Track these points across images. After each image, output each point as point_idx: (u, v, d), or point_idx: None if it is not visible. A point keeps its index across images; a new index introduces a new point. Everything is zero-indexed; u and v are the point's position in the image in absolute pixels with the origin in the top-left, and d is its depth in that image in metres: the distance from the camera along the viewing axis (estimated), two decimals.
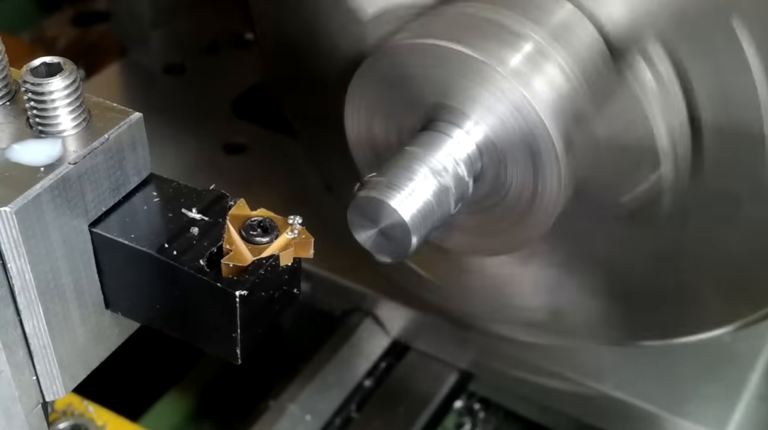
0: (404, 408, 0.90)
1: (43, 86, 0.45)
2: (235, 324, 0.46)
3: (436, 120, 0.64)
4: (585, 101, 0.63)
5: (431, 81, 0.63)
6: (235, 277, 0.46)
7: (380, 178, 0.61)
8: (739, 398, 0.84)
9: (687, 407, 0.83)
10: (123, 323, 0.52)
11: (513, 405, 0.96)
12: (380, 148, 0.68)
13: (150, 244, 0.47)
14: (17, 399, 0.49)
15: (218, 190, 0.50)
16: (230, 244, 0.47)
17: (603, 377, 0.86)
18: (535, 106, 0.60)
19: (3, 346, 0.46)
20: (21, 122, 0.47)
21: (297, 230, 0.48)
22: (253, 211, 0.48)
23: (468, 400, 0.98)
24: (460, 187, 0.63)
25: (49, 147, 0.46)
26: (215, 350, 0.49)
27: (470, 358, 0.93)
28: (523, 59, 0.61)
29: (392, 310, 0.94)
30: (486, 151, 0.63)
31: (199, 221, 0.49)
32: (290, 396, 0.89)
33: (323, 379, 0.91)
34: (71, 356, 0.50)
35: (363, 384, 0.92)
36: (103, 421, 0.76)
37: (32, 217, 0.44)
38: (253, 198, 0.50)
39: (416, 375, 0.93)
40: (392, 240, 0.61)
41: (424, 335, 0.94)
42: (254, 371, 0.96)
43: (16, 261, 0.45)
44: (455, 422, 0.98)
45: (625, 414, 0.85)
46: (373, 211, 0.60)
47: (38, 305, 0.46)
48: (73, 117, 0.46)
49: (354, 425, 0.89)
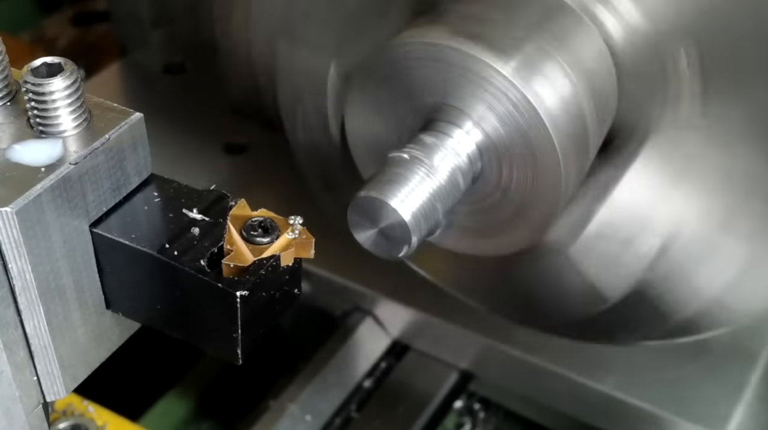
0: (404, 408, 0.90)
1: (43, 86, 0.45)
2: (236, 324, 0.46)
3: (436, 120, 0.64)
4: (586, 104, 0.63)
5: (431, 81, 0.63)
6: (236, 277, 0.46)
7: (380, 178, 0.61)
8: (739, 398, 0.84)
9: (687, 407, 0.83)
10: (124, 324, 0.52)
11: (513, 405, 0.96)
12: (380, 148, 0.68)
13: (151, 244, 0.48)
14: (18, 399, 0.49)
15: (219, 191, 0.50)
16: (231, 244, 0.47)
17: (603, 377, 0.86)
18: (535, 107, 0.60)
19: (4, 346, 0.46)
20: (22, 122, 0.47)
21: (298, 230, 0.48)
22: (254, 211, 0.48)
23: (468, 400, 0.98)
24: (459, 187, 0.63)
25: (49, 147, 0.46)
26: (216, 350, 0.49)
27: (470, 358, 0.93)
28: (523, 59, 0.61)
29: (392, 310, 0.94)
30: (486, 151, 0.63)
31: (199, 221, 0.49)
32: (290, 396, 0.89)
33: (323, 379, 0.91)
34: (72, 357, 0.50)
35: (363, 384, 0.92)
36: (103, 421, 0.76)
37: (33, 217, 0.44)
38: (253, 198, 0.50)
39: (416, 375, 0.93)
40: (392, 240, 0.61)
41: (424, 335, 0.94)
42: (254, 371, 0.96)
43: (17, 261, 0.45)
44: (455, 422, 0.98)
45: (625, 414, 0.85)
46: (373, 211, 0.60)
47: (39, 305, 0.46)
48: (74, 117, 0.47)
49: (354, 425, 0.89)
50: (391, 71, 0.65)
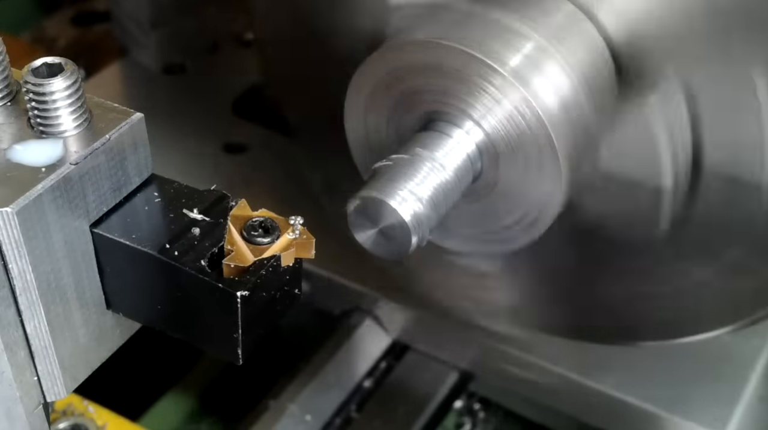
0: (404, 408, 0.90)
1: (44, 87, 0.45)
2: (237, 325, 0.46)
3: (436, 120, 0.64)
4: (586, 104, 0.63)
5: (431, 80, 0.63)
6: (237, 277, 0.46)
7: (380, 178, 0.61)
8: (739, 398, 0.84)
9: (687, 407, 0.83)
10: (124, 324, 0.52)
11: (513, 405, 0.96)
12: (380, 148, 0.68)
13: (151, 244, 0.47)
14: (19, 400, 0.49)
15: (219, 191, 0.50)
16: (231, 244, 0.47)
17: (603, 377, 0.86)
18: (535, 107, 0.60)
19: (4, 347, 0.46)
20: (22, 123, 0.47)
21: (298, 231, 0.48)
22: (255, 211, 0.48)
23: (468, 400, 0.98)
24: (459, 186, 0.63)
25: (50, 147, 0.46)
26: (216, 350, 0.49)
27: (470, 358, 0.93)
28: (523, 59, 0.62)
29: (392, 310, 0.94)
30: (486, 151, 0.63)
31: (200, 221, 0.49)
32: (290, 396, 0.89)
33: (323, 379, 0.91)
34: (72, 357, 0.50)
35: (363, 384, 0.92)
36: (103, 421, 0.76)
37: (33, 217, 0.44)
38: (253, 198, 0.50)
39: (416, 375, 0.93)
40: (392, 240, 0.61)
41: (424, 335, 0.94)
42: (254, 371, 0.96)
43: (18, 262, 0.45)
44: (455, 422, 0.98)
45: (625, 414, 0.85)
46: (373, 211, 0.60)
47: (39, 305, 0.46)
48: (75, 117, 0.46)
49: (354, 425, 0.89)
50: (392, 71, 0.65)
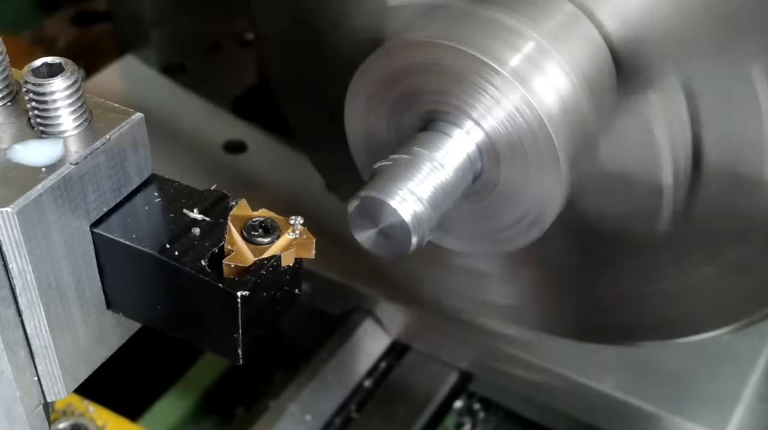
0: (404, 408, 0.90)
1: (44, 87, 0.45)
2: (237, 325, 0.46)
3: (436, 120, 0.64)
4: (586, 103, 0.63)
5: (431, 80, 0.63)
6: (237, 277, 0.46)
7: (380, 177, 0.61)
8: (739, 398, 0.84)
9: (687, 407, 0.83)
10: (124, 324, 0.52)
11: (513, 405, 0.96)
12: (380, 148, 0.68)
13: (151, 244, 0.47)
14: (19, 400, 0.49)
15: (220, 191, 0.50)
16: (232, 244, 0.47)
17: (603, 377, 0.86)
18: (535, 106, 0.60)
19: (4, 347, 0.46)
20: (22, 123, 0.47)
21: (298, 231, 0.48)
22: (255, 211, 0.48)
23: (468, 400, 0.99)
24: (459, 186, 0.63)
25: (50, 147, 0.46)
26: (217, 350, 0.49)
27: (470, 358, 0.93)
28: (523, 59, 0.62)
29: (392, 310, 0.94)
30: (486, 151, 0.63)
31: (200, 221, 0.49)
32: (290, 396, 0.89)
33: (323, 379, 0.91)
34: (72, 357, 0.50)
35: (363, 384, 0.92)
36: (103, 421, 0.76)
37: (34, 217, 0.44)
38: (253, 198, 0.50)
39: (416, 375, 0.93)
40: (392, 240, 0.61)
41: (424, 335, 0.94)
42: (254, 372, 0.96)
43: (18, 262, 0.45)
44: (455, 422, 0.98)
45: (625, 414, 0.85)
46: (373, 211, 0.60)
47: (40, 305, 0.46)
48: (75, 117, 0.46)
49: (354, 425, 0.89)
50: (391, 70, 0.65)
